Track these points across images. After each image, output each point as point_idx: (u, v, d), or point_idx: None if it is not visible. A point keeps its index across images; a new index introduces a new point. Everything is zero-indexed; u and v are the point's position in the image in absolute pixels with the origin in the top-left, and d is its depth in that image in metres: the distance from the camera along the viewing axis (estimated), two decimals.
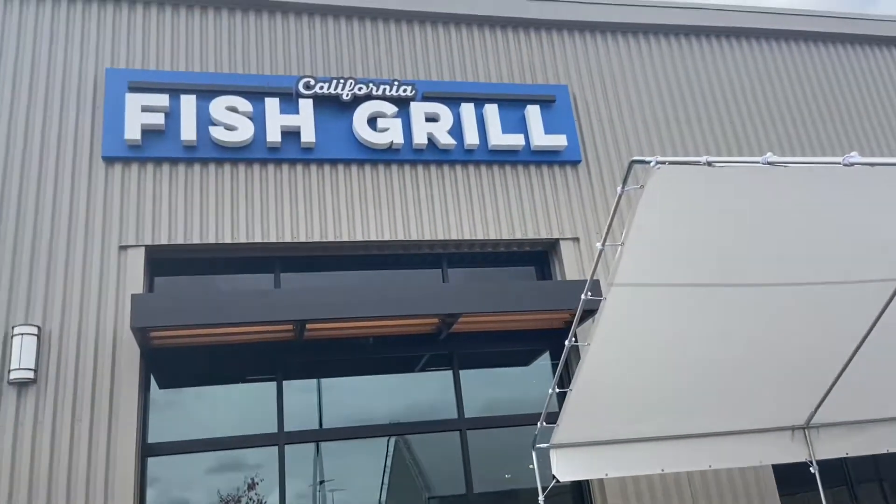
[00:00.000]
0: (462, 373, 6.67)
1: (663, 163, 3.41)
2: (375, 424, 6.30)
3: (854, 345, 4.97)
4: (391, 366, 6.65)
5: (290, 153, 6.65)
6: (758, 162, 3.22)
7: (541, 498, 5.16)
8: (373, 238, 6.60)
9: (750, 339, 4.62)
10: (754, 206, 3.71)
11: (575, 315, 4.56)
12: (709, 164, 3.31)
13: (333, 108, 6.85)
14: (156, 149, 6.37)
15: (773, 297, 4.36)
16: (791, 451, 5.45)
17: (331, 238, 6.51)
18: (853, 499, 8.27)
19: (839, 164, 2.90)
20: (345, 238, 6.54)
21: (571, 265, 6.95)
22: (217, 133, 6.45)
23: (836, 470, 8.17)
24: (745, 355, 4.74)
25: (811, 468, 5.43)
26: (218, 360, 6.18)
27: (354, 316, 5.72)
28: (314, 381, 6.41)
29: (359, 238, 6.57)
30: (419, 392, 6.63)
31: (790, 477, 7.04)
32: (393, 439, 6.33)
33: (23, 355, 5.46)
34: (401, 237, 6.67)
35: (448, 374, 6.66)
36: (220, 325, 5.55)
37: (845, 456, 6.57)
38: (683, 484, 6.48)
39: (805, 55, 8.86)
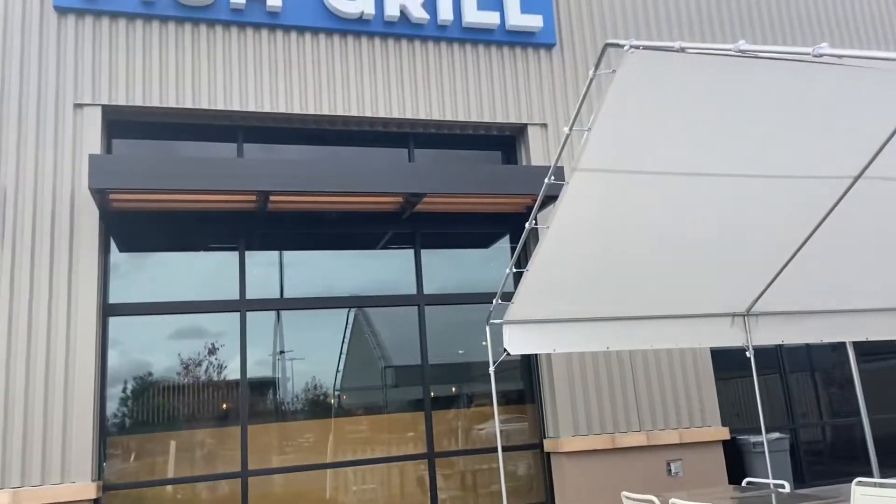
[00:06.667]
0: (423, 252, 6.79)
1: (637, 47, 3.37)
2: (336, 296, 6.45)
3: (800, 241, 5.18)
4: (354, 242, 6.72)
5: (254, 17, 6.36)
6: (730, 51, 3.22)
7: (491, 369, 5.43)
8: (339, 112, 6.47)
9: (702, 228, 4.78)
10: (723, 95, 3.74)
11: (537, 200, 4.63)
12: (682, 50, 3.29)
13: None
14: (112, 1, 6.03)
15: (731, 188, 4.48)
16: (729, 336, 5.79)
17: (296, 110, 6.37)
18: (784, 386, 8.88)
19: (808, 55, 2.91)
20: (310, 111, 6.40)
21: (538, 151, 6.96)
22: None
23: (770, 358, 8.73)
24: (695, 243, 4.92)
25: (747, 352, 5.78)
26: (180, 226, 6.16)
27: (319, 190, 5.70)
28: (276, 253, 6.46)
29: (324, 112, 6.43)
30: (380, 269, 6.75)
31: (727, 361, 7.51)
32: (353, 312, 6.51)
33: None
34: (368, 113, 6.55)
35: (409, 253, 6.78)
36: (181, 192, 5.48)
37: (781, 343, 7.00)
38: (626, 362, 6.86)
39: None
